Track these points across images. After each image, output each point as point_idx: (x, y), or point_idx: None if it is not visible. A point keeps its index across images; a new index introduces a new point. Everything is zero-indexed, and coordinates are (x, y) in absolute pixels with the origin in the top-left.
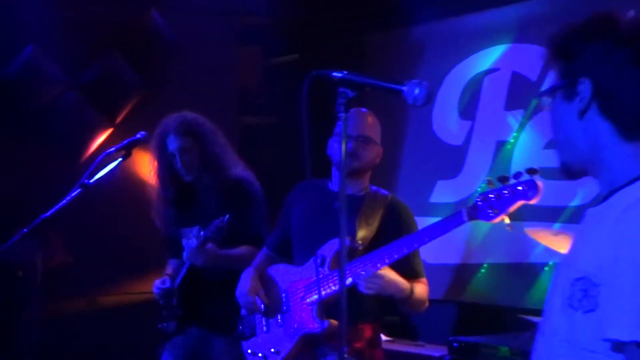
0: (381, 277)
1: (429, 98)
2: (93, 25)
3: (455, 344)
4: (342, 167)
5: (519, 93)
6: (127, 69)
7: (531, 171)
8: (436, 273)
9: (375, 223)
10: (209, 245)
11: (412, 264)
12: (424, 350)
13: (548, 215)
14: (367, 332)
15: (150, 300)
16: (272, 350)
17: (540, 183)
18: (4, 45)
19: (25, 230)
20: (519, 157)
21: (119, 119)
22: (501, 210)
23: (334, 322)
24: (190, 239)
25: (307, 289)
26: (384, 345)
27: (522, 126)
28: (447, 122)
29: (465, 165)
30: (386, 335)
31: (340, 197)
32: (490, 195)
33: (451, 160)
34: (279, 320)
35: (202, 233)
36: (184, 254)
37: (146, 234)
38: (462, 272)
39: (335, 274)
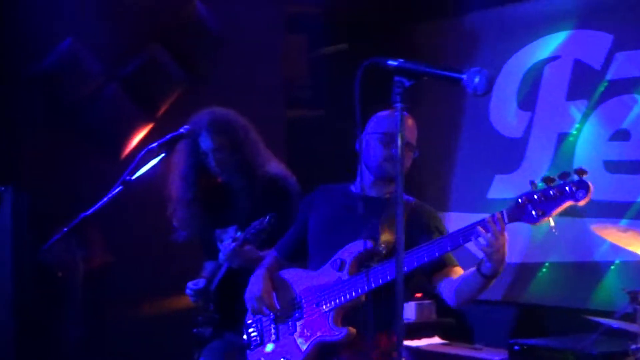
0: (504, 239)
1: (490, 87)
2: (133, 16)
3: (516, 347)
4: (400, 160)
5: (582, 82)
6: (169, 60)
7: (580, 172)
8: None
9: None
10: (248, 247)
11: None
12: (482, 354)
13: (614, 211)
14: (383, 341)
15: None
16: (282, 359)
17: (590, 184)
18: (42, 38)
19: (65, 229)
20: (582, 150)
21: (160, 113)
22: (547, 211)
23: (352, 330)
24: (227, 241)
25: (324, 294)
26: (440, 349)
27: (585, 117)
28: (506, 114)
29: (525, 159)
30: (441, 337)
31: (398, 194)
32: (534, 196)
33: (510, 154)
34: (291, 327)
35: (239, 234)
36: (221, 255)
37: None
38: (522, 272)
39: (356, 279)
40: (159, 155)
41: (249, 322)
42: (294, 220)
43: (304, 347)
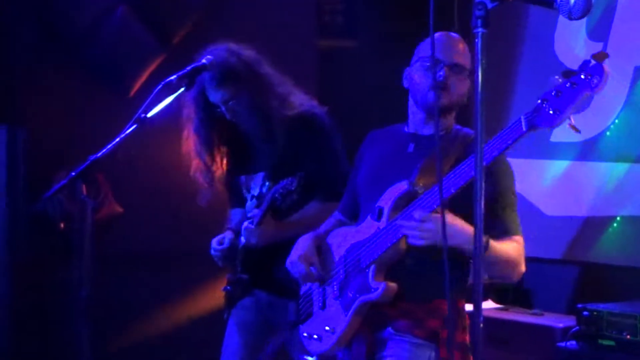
0: (435, 220)
1: (588, 9)
2: None
3: (585, 313)
4: (478, 98)
5: None
6: None
7: (599, 56)
8: (556, 228)
9: (448, 165)
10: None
11: (501, 216)
12: (543, 320)
13: None
14: (445, 307)
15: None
16: (327, 328)
17: (606, 67)
18: None
19: (72, 174)
20: None
21: (176, 40)
22: (562, 108)
23: (392, 285)
24: (253, 190)
25: (363, 249)
26: (495, 314)
27: None
28: (573, 44)
29: (595, 97)
30: (495, 301)
31: (478, 136)
32: (552, 93)
33: None
34: (335, 291)
35: (257, 211)
36: (242, 237)
37: None
38: (589, 227)
39: (394, 225)
40: (178, 89)
41: (302, 293)
42: (326, 167)
43: (346, 313)
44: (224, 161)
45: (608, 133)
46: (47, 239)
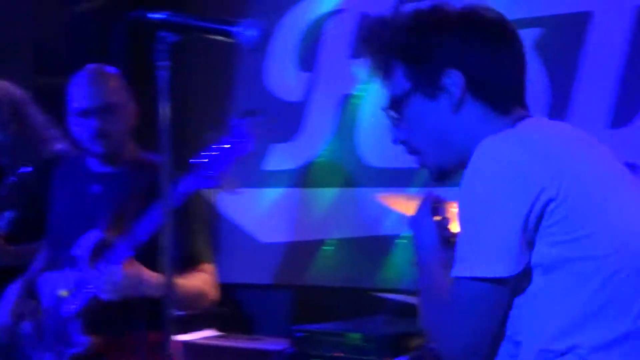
0: (124, 275)
1: (264, 40)
2: None
3: (298, 334)
4: (166, 137)
5: None
6: None
7: (249, 113)
8: (267, 254)
9: (140, 203)
10: None
11: (191, 245)
12: (261, 344)
13: (401, 179)
14: (152, 337)
15: None
16: None
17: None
18: None
19: None
20: (370, 111)
21: None
22: (215, 171)
23: (96, 338)
24: None
25: (65, 299)
26: (215, 342)
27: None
28: (283, 75)
29: (305, 125)
30: (217, 329)
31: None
32: (209, 152)
33: (288, 120)
34: (47, 343)
35: None
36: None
37: None
38: (301, 251)
39: (93, 274)
40: None
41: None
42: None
43: None
44: None
45: (319, 160)
46: None
